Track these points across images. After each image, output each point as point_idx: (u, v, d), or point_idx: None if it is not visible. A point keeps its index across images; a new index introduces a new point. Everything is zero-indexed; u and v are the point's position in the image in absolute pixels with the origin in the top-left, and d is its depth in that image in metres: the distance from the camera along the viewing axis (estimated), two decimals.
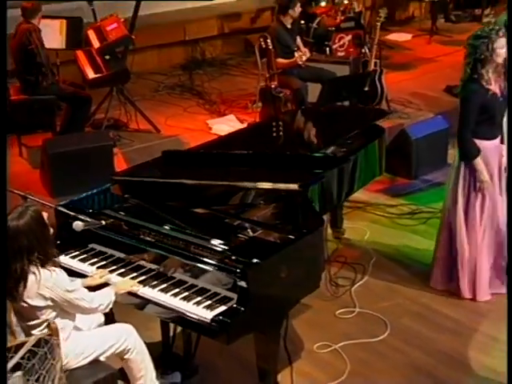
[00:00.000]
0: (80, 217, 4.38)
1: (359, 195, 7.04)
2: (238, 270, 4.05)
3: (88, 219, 4.37)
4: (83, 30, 8.41)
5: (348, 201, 6.89)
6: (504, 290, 5.58)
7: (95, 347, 4.22)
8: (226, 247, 4.21)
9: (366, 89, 8.33)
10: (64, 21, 8.34)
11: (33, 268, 3.94)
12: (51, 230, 4.12)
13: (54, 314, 4.06)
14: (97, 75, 8.07)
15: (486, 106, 5.29)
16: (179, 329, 4.86)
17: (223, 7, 11.34)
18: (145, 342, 4.47)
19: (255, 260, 4.11)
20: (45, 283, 3.95)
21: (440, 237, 5.71)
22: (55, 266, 4.05)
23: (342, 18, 9.96)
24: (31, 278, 3.93)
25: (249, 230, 4.44)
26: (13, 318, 4.10)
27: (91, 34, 8.18)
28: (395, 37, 11.62)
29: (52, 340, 3.13)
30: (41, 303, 3.98)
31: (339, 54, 9.67)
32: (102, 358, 4.29)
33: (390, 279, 5.86)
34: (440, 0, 10.99)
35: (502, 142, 5.51)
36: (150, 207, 4.75)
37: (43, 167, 7.01)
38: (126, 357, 4.34)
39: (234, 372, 4.84)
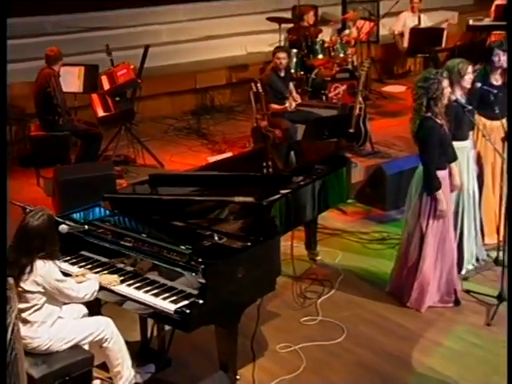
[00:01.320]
0: (66, 222, 4.89)
1: (337, 223, 7.58)
2: (199, 269, 4.55)
3: (72, 224, 4.89)
4: (99, 76, 8.95)
5: (326, 228, 7.39)
6: (451, 304, 5.97)
7: (76, 334, 4.67)
8: (192, 251, 4.67)
9: (352, 130, 8.80)
10: (82, 68, 8.91)
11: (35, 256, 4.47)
12: None
13: (43, 299, 4.54)
14: (106, 113, 8.62)
15: (442, 139, 5.73)
16: (156, 328, 5.31)
17: (232, 59, 11.80)
18: (130, 342, 5.00)
19: (214, 261, 4.61)
20: (39, 271, 4.46)
21: (399, 257, 6.14)
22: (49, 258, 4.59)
23: (338, 69, 10.32)
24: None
25: (216, 238, 4.90)
26: None
27: (104, 79, 8.75)
28: (390, 88, 11.97)
29: (9, 293, 3.47)
30: (33, 289, 4.47)
31: (334, 101, 10.10)
32: (85, 346, 4.76)
33: (353, 293, 6.23)
34: (431, 56, 11.39)
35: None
36: (132, 219, 5.29)
37: (54, 193, 7.53)
38: (104, 345, 4.80)
39: (201, 365, 5.21)
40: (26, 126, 9.08)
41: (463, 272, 6.42)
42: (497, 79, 6.76)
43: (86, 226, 4.90)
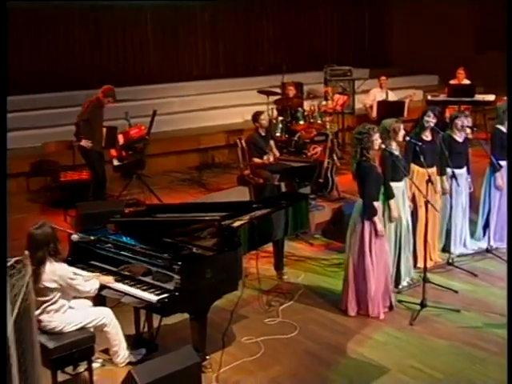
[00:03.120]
0: (77, 233, 5.69)
1: (304, 252, 8.22)
2: (176, 269, 5.31)
3: (81, 235, 5.68)
4: (117, 135, 9.67)
5: (294, 255, 8.05)
6: (386, 309, 6.60)
7: (82, 319, 5.38)
8: (172, 257, 5.43)
9: (321, 180, 9.56)
10: (104, 129, 9.59)
11: (50, 260, 5.21)
12: None
13: (58, 295, 5.30)
14: (120, 163, 9.41)
15: (377, 178, 6.44)
16: (146, 323, 6.03)
17: (230, 125, 12.51)
18: (127, 333, 5.73)
19: (188, 263, 5.38)
20: (58, 272, 5.20)
21: (346, 272, 6.75)
22: (63, 262, 5.35)
23: (316, 133, 10.87)
24: (49, 267, 5.18)
25: (193, 249, 5.67)
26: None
27: (120, 137, 9.51)
28: None
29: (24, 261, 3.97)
30: (51, 285, 5.20)
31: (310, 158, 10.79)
32: (91, 329, 5.44)
33: (309, 304, 6.82)
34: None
35: None
36: (130, 236, 6.06)
37: (77, 225, 8.29)
38: (104, 329, 5.51)
39: None
40: (58, 176, 9.89)
41: (400, 287, 7.03)
42: (427, 136, 7.57)
43: (92, 237, 5.68)
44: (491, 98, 11.95)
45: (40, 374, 4.27)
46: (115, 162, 9.40)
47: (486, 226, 8.13)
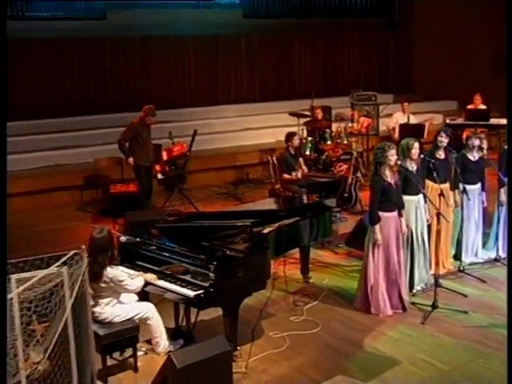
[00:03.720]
0: (125, 236, 6.07)
1: (328, 259, 8.47)
2: (212, 269, 5.65)
3: (128, 236, 6.06)
4: (161, 152, 10.16)
5: (320, 262, 8.31)
6: (400, 310, 6.88)
7: (128, 313, 5.75)
8: (208, 258, 5.77)
9: (346, 194, 9.89)
10: (151, 146, 10.16)
11: (108, 265, 5.60)
12: None
13: (109, 291, 5.68)
14: (163, 177, 9.82)
15: (384, 190, 6.73)
16: (184, 317, 6.37)
17: (263, 145, 12.81)
18: (167, 326, 6.08)
19: (221, 263, 5.72)
20: (109, 275, 5.57)
21: (361, 275, 7.07)
22: (115, 265, 5.74)
23: (342, 152, 11.17)
24: (105, 271, 5.56)
25: (227, 251, 6.01)
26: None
27: (164, 153, 9.97)
28: None
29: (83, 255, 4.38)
30: (104, 285, 5.59)
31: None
32: (136, 321, 5.80)
33: (331, 304, 7.10)
34: None
35: (399, 215, 6.97)
36: (171, 240, 6.42)
37: (125, 232, 8.66)
38: (148, 322, 5.87)
39: None
40: (108, 188, 10.33)
41: (414, 291, 7.27)
42: (440, 154, 7.84)
43: (138, 239, 6.05)
44: (504, 121, 12.12)
45: (94, 355, 4.61)
46: (159, 176, 9.82)
47: (497, 237, 8.34)
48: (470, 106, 12.99)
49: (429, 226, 7.47)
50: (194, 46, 14.35)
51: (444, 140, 7.78)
